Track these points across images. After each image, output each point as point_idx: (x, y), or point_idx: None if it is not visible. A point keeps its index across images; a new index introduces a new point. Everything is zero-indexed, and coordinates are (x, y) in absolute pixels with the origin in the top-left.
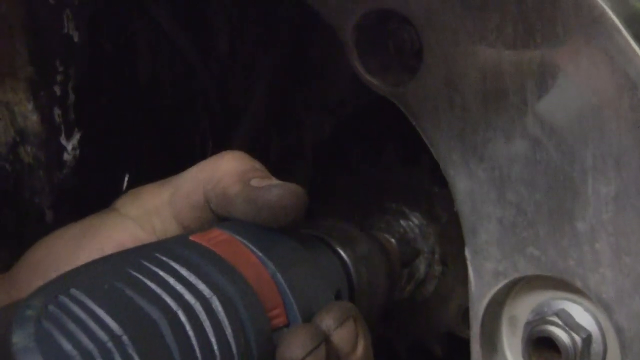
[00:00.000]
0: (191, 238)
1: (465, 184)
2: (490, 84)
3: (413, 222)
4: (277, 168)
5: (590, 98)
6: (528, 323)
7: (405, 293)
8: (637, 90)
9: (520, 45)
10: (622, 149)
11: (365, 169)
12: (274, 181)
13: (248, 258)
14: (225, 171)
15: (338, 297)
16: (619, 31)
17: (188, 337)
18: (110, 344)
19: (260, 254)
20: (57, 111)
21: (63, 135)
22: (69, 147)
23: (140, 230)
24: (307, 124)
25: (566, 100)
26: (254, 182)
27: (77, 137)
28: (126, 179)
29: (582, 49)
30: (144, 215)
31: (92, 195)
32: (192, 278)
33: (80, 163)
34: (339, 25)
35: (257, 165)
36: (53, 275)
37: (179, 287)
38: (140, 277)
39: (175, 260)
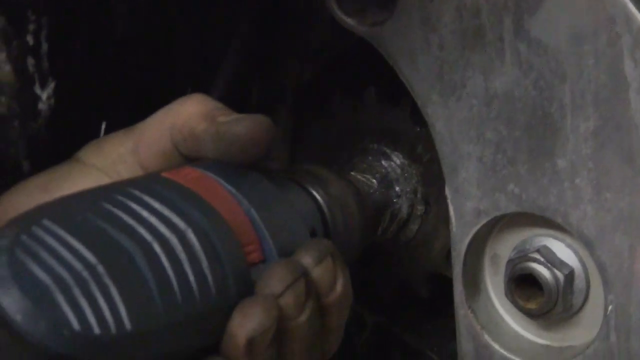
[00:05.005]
0: (164, 175)
1: (444, 124)
2: (467, 21)
3: (395, 162)
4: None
5: (567, 34)
6: (510, 261)
7: (389, 234)
8: (615, 24)
9: None
10: (600, 85)
11: (346, 111)
12: (241, 115)
13: (221, 194)
14: (191, 113)
15: (313, 235)
16: None
17: (164, 268)
18: (85, 273)
19: (233, 191)
20: (30, 61)
21: (37, 84)
22: (44, 96)
23: (106, 178)
24: (287, 70)
25: (543, 36)
26: (221, 119)
27: (51, 86)
28: (103, 127)
29: None
30: (108, 164)
31: (69, 145)
32: (166, 212)
33: (56, 112)
34: None
35: (220, 105)
36: None
37: (154, 220)
38: (114, 210)
39: (149, 194)
